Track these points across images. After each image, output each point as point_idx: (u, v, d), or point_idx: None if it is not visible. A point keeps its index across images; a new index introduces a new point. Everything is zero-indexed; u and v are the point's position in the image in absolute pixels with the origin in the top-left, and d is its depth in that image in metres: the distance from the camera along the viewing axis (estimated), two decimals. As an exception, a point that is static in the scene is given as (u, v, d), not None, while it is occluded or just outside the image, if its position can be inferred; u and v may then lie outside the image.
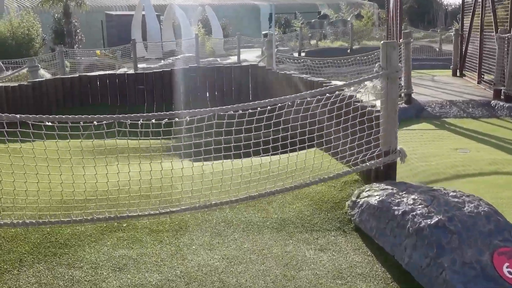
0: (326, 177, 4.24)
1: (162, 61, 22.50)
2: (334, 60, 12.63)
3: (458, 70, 13.95)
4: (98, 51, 21.69)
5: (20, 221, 3.62)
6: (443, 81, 13.36)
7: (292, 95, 3.82)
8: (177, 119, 3.71)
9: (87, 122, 3.68)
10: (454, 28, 15.39)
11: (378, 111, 4.43)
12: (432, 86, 12.43)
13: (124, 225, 4.00)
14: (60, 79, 9.82)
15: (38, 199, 4.02)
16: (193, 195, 4.16)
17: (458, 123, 9.17)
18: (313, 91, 3.92)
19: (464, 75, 13.60)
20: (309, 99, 3.87)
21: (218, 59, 22.57)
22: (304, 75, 7.63)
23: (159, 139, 4.11)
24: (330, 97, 4.02)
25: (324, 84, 6.04)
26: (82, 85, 9.91)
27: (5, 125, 3.47)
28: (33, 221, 3.64)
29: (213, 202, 4.00)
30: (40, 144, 4.03)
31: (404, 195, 3.91)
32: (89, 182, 4.04)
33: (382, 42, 4.32)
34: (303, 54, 24.41)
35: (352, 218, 4.20)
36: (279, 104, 3.80)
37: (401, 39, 9.88)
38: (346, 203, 4.42)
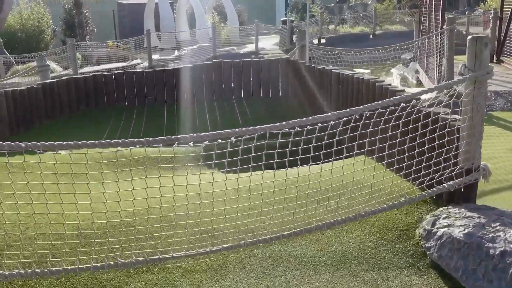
0: (396, 202, 3.49)
1: (176, 51, 21.65)
2: (371, 50, 11.75)
3: (495, 56, 12.98)
4: (110, 43, 20.92)
5: (29, 271, 2.96)
6: (480, 68, 12.40)
7: (361, 107, 3.08)
8: (220, 140, 2.99)
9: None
10: (492, 10, 14.38)
11: (455, 120, 3.68)
12: (470, 74, 11.51)
13: (155, 270, 3.30)
14: (73, 79, 9.05)
15: (50, 234, 3.35)
16: (238, 230, 3.45)
17: (507, 117, 8.31)
18: (385, 100, 3.16)
19: (502, 61, 12.65)
20: (381, 110, 3.12)
21: (235, 48, 21.69)
22: (348, 71, 6.78)
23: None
24: (405, 107, 3.27)
25: (383, 86, 5.21)
26: (97, 84, 9.17)
27: (7, 157, 2.79)
28: (44, 270, 2.98)
29: (262, 238, 3.30)
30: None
31: (498, 227, 3.17)
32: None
33: (469, 37, 3.53)
34: (323, 40, 23.44)
35: (427, 252, 3.47)
36: (344, 118, 3.07)
37: (445, 25, 8.98)
38: (417, 231, 3.68)
